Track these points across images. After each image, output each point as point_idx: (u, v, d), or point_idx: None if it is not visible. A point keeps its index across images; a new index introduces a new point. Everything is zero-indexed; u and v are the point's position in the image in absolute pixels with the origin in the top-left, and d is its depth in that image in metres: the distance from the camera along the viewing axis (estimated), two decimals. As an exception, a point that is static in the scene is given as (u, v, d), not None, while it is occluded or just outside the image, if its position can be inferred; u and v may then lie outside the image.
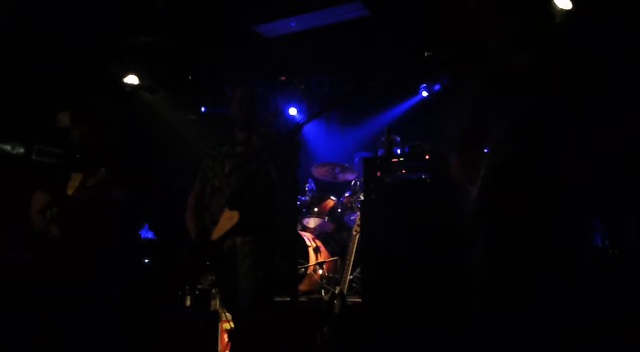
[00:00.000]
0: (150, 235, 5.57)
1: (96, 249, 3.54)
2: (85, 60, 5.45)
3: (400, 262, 3.90)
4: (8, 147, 5.04)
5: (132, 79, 6.11)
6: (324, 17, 5.62)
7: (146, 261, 5.17)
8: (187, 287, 4.93)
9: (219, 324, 4.48)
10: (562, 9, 4.76)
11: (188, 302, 4.90)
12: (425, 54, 5.81)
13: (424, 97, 6.59)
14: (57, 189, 3.58)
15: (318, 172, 6.12)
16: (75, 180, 3.54)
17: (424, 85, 6.49)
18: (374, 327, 3.93)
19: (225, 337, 4.47)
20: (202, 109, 7.29)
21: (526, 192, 2.41)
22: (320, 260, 5.13)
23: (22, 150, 4.98)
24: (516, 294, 2.41)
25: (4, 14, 4.85)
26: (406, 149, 4.56)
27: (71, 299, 3.45)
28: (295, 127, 2.58)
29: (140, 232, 5.55)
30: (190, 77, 6.80)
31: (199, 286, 5.00)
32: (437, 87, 6.41)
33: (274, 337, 3.28)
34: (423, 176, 4.09)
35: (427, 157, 4.13)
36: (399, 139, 4.79)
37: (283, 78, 7.07)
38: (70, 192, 3.52)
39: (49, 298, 3.45)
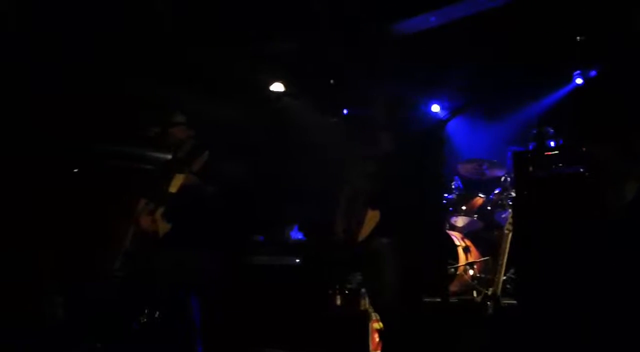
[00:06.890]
0: (300, 236, 5.76)
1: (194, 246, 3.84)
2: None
3: (559, 263, 3.67)
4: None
5: (277, 87, 6.37)
6: (463, 9, 5.47)
7: (297, 261, 5.34)
8: (337, 286, 5.01)
9: (369, 324, 4.51)
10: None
11: (338, 302, 4.98)
12: (578, 38, 5.41)
13: (578, 84, 6.13)
14: (160, 190, 3.93)
15: (464, 169, 5.97)
16: (178, 180, 3.92)
17: (578, 71, 6.03)
18: (530, 330, 3.74)
19: (376, 336, 4.49)
20: (344, 111, 7.39)
21: None
22: (470, 260, 5.01)
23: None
24: None
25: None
26: (560, 142, 4.28)
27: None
28: (438, 123, 2.54)
29: (290, 234, 5.76)
30: (332, 81, 6.92)
31: (349, 286, 5.07)
32: (593, 73, 5.93)
33: (424, 337, 3.25)
34: (581, 170, 3.81)
35: (583, 149, 3.84)
36: (552, 131, 4.50)
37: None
38: (173, 190, 3.90)
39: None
